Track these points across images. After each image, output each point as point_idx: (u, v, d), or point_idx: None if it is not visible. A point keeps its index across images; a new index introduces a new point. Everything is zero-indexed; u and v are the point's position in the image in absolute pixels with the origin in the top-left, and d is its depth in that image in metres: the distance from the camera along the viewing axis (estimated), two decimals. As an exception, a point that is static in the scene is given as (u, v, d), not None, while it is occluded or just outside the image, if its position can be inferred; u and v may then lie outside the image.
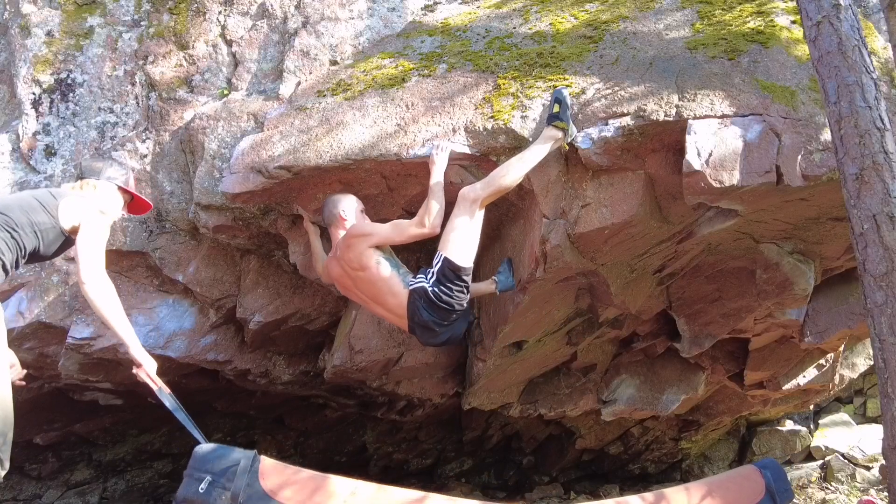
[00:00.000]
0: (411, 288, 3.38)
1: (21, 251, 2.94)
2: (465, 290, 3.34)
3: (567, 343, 4.93)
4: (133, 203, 3.50)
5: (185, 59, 4.41)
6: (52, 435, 5.82)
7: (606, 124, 3.45)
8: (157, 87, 4.38)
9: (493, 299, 4.44)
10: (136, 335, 3.14)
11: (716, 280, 4.62)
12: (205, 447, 3.17)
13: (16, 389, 2.96)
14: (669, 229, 3.85)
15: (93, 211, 3.13)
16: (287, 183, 3.80)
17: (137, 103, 4.40)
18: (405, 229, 3.44)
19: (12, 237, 2.89)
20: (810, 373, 6.01)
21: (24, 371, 3.28)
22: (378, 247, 3.51)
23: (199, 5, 4.46)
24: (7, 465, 2.67)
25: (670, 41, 3.82)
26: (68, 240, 3.11)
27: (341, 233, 3.65)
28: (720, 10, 3.97)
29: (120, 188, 3.36)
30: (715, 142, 3.30)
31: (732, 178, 3.28)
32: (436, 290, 3.30)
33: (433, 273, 3.33)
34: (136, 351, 3.08)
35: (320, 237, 4.02)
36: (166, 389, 3.21)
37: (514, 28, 4.17)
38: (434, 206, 3.38)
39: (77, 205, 3.10)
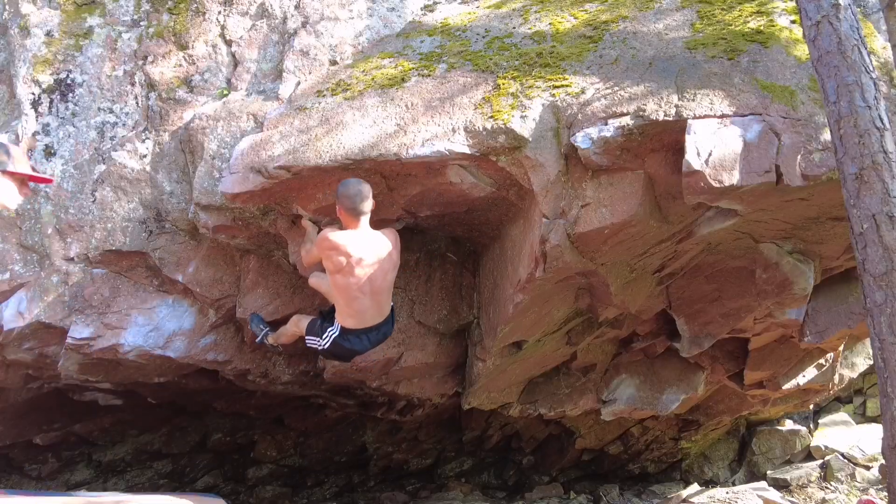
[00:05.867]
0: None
1: None
2: None
3: (567, 343, 4.93)
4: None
5: (185, 59, 4.41)
6: (52, 435, 5.82)
7: (606, 124, 3.45)
8: (156, 87, 4.38)
9: (492, 299, 4.45)
10: (136, 335, 2.98)
11: (716, 280, 4.62)
12: None
13: (16, 389, 2.88)
14: (669, 229, 3.85)
15: None
16: (287, 183, 3.80)
17: (137, 103, 4.40)
18: None
19: None
20: (810, 372, 6.02)
21: None
22: None
23: (198, 5, 4.46)
24: None
25: (670, 41, 3.82)
26: None
27: (364, 219, 3.61)
28: (720, 10, 3.97)
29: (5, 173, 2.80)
30: (715, 141, 3.30)
31: (732, 177, 3.28)
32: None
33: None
34: None
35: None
36: None
37: (514, 28, 4.17)
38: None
39: None
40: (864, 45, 2.85)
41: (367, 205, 3.57)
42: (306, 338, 3.92)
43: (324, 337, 3.82)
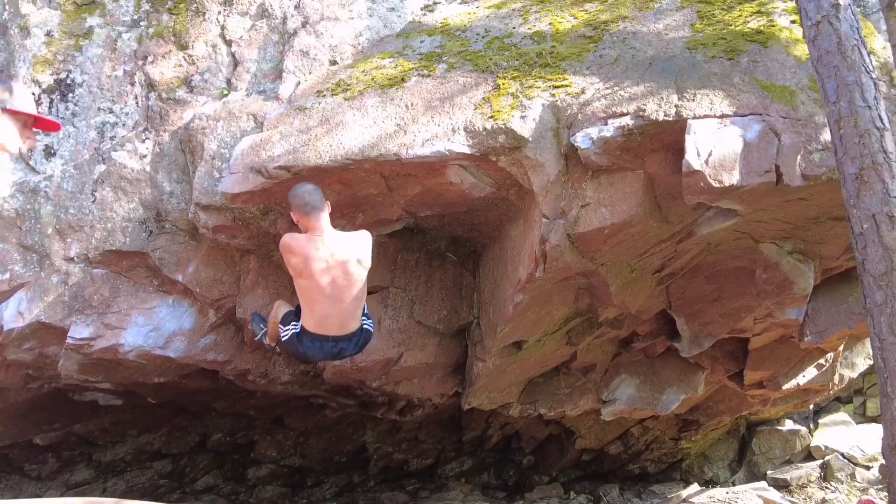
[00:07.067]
0: (364, 324, 3.83)
1: None
2: None
3: (567, 343, 4.93)
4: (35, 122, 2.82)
5: (185, 60, 4.41)
6: (52, 435, 5.82)
7: (606, 124, 3.45)
8: (156, 87, 4.38)
9: (492, 299, 4.44)
10: (136, 335, 2.92)
11: (715, 280, 4.62)
12: None
13: (16, 389, 2.87)
14: (669, 229, 3.85)
15: None
16: (287, 183, 3.79)
17: (137, 103, 4.40)
18: None
19: None
20: (810, 372, 6.02)
21: None
22: None
23: (198, 5, 4.46)
24: None
25: (670, 41, 3.82)
26: None
27: (321, 219, 3.55)
28: (720, 10, 3.97)
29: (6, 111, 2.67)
30: (714, 141, 3.30)
31: (732, 177, 3.28)
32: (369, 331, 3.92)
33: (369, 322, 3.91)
34: None
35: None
36: None
37: (514, 28, 4.17)
38: None
39: None
40: (864, 45, 2.85)
41: (317, 199, 3.50)
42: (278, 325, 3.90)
43: (285, 329, 3.79)
